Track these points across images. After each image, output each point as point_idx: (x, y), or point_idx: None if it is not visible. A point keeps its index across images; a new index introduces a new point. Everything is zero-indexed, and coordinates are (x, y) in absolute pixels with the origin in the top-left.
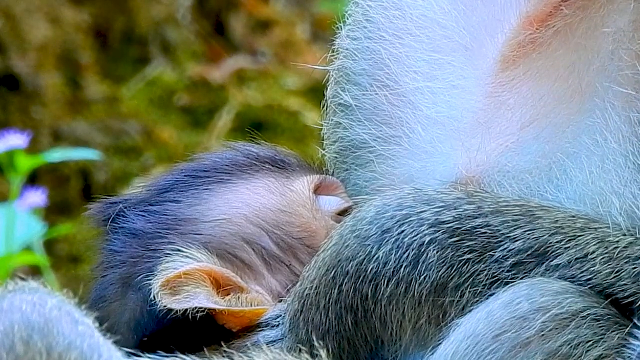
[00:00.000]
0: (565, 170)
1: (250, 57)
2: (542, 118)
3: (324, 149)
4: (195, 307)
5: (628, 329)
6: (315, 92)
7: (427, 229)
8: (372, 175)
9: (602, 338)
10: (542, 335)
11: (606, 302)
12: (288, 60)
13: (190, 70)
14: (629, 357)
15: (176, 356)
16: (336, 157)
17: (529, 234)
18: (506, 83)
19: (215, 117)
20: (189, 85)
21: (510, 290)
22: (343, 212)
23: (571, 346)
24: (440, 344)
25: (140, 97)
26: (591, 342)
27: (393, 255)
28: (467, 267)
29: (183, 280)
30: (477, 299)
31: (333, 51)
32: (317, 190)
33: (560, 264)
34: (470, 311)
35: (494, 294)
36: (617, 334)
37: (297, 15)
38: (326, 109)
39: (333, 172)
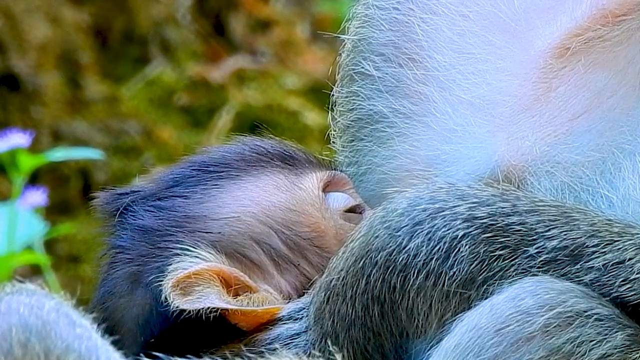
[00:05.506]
0: (619, 167)
1: (250, 57)
2: (596, 110)
3: (335, 117)
4: (208, 308)
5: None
6: (315, 92)
7: (460, 224)
8: (390, 153)
9: (605, 338)
10: (546, 331)
11: (610, 303)
12: (288, 60)
13: (190, 70)
14: None
15: (189, 358)
16: (350, 126)
17: (565, 234)
18: (558, 70)
19: (215, 117)
20: (189, 85)
21: (514, 286)
22: (351, 210)
23: (574, 344)
24: (444, 336)
25: (140, 97)
26: (595, 341)
27: (424, 247)
28: (498, 263)
29: (193, 281)
30: None
31: (352, 19)
32: (326, 187)
33: (595, 267)
34: None
35: None
36: (621, 334)
37: (297, 15)
38: (341, 76)
39: (344, 141)
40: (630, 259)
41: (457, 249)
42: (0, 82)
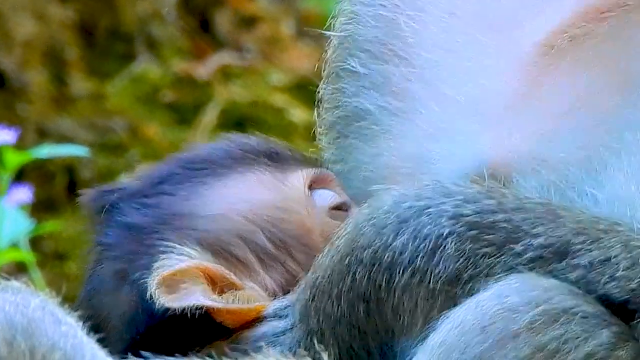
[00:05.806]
0: (605, 165)
1: (236, 53)
2: (582, 107)
3: (321, 114)
4: (194, 305)
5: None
6: (301, 89)
7: (446, 221)
8: (376, 150)
9: (591, 335)
10: (531, 328)
11: (595, 300)
12: (273, 56)
13: (175, 66)
14: None
15: (175, 357)
16: (336, 123)
17: (551, 232)
18: (544, 68)
19: (201, 114)
20: (174, 82)
21: (500, 283)
22: (337, 207)
23: (560, 341)
24: (429, 334)
25: (126, 93)
26: (580, 338)
27: (410, 245)
28: (483, 261)
29: (179, 278)
30: None
31: (338, 15)
32: (312, 184)
33: (581, 264)
34: None
35: None
36: (606, 331)
37: (283, 11)
38: (327, 72)
39: (330, 138)
40: (615, 256)
41: (442, 247)
42: None
